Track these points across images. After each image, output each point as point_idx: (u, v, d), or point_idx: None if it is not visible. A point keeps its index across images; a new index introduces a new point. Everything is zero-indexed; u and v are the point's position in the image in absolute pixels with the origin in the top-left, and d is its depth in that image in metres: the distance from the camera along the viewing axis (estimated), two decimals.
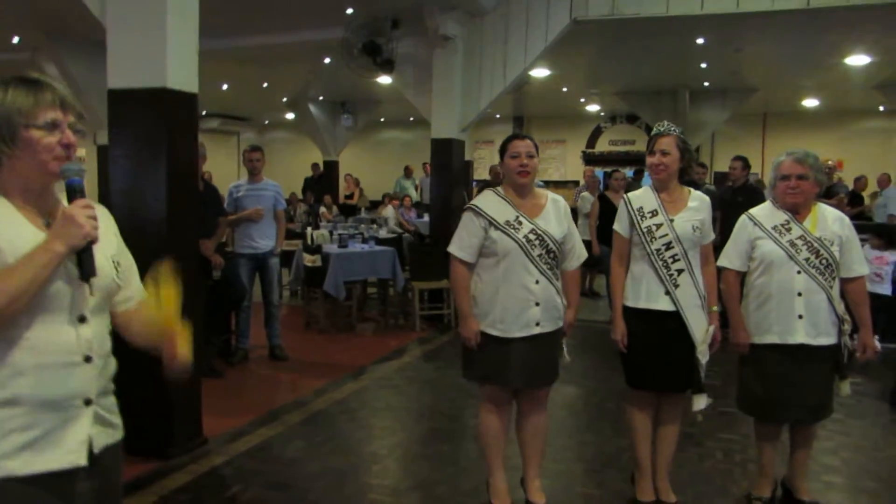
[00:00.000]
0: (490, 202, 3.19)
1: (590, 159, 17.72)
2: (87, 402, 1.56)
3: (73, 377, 1.53)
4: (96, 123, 10.11)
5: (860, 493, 3.68)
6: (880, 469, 3.98)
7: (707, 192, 5.32)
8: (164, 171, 3.83)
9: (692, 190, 3.36)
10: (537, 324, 3.11)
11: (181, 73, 3.88)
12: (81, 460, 1.55)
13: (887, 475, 3.89)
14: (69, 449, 1.53)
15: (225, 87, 14.05)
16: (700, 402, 3.24)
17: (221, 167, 17.29)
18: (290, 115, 17.81)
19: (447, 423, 4.71)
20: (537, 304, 3.10)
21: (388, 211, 10.94)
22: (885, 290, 6.56)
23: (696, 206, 3.26)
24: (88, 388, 1.56)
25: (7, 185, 1.53)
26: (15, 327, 1.47)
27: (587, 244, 9.30)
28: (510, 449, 3.42)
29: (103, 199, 10.38)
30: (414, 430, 4.66)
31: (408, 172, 15.58)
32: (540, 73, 10.94)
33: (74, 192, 1.55)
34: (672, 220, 3.20)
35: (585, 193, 9.85)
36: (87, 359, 1.55)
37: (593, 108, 16.74)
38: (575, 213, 9.78)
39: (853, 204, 10.66)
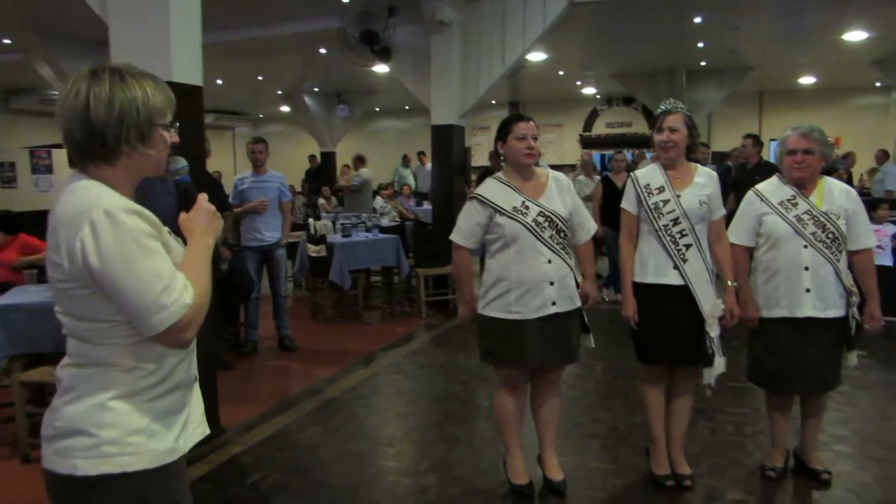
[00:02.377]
0: (494, 190, 3.20)
1: (587, 143, 17.74)
2: (196, 379, 1.70)
3: (194, 360, 1.69)
4: None
5: (869, 461, 3.73)
6: (888, 438, 4.04)
7: None
8: None
9: (699, 166, 3.38)
10: (553, 303, 3.14)
11: (186, 67, 3.89)
12: (207, 430, 1.71)
13: (895, 443, 3.94)
14: (199, 422, 1.68)
15: (219, 81, 14.01)
16: (710, 375, 3.27)
17: (217, 162, 17.22)
18: (285, 108, 17.77)
19: (459, 405, 4.76)
20: (552, 284, 3.12)
21: (378, 201, 10.85)
22: (886, 260, 6.61)
23: (704, 181, 3.28)
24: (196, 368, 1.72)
25: (116, 180, 1.52)
26: None
27: None
28: (525, 428, 3.47)
29: None
30: (427, 413, 4.71)
31: (406, 161, 15.57)
32: (536, 56, 10.92)
33: (189, 189, 1.64)
34: (679, 196, 3.23)
35: (581, 177, 9.85)
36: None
37: (589, 91, 16.71)
38: None
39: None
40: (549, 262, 3.12)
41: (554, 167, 11.23)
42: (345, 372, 5.52)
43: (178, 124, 1.62)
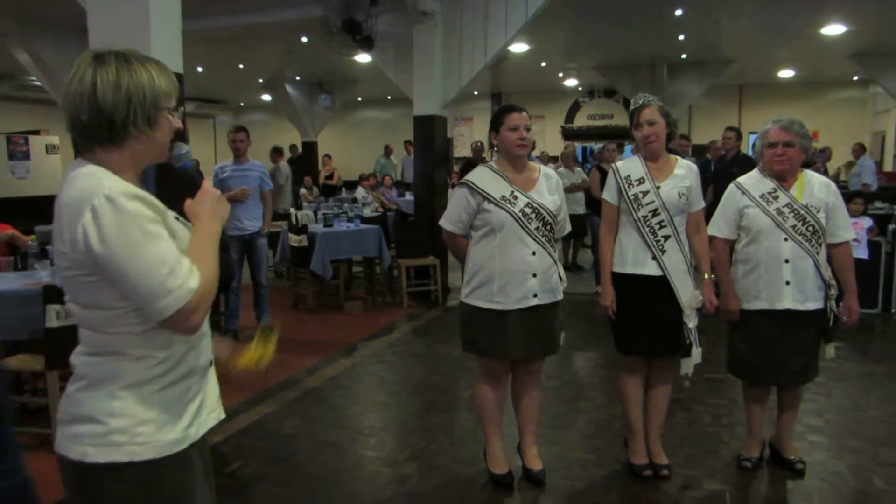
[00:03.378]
0: (485, 178, 3.21)
1: (568, 134, 17.79)
2: (211, 363, 1.70)
3: (208, 345, 1.68)
4: None
5: (843, 451, 3.80)
6: (862, 428, 4.11)
7: None
8: None
9: (679, 158, 3.40)
10: (535, 295, 3.15)
11: (165, 54, 3.85)
12: (222, 414, 1.72)
13: (868, 434, 4.01)
14: (213, 407, 1.68)
15: (200, 69, 13.86)
16: (688, 366, 3.30)
17: (197, 151, 17.04)
18: (266, 97, 17.66)
19: (440, 395, 4.77)
20: (535, 276, 3.14)
21: (359, 192, 10.78)
22: (862, 253, 6.70)
23: (683, 173, 3.30)
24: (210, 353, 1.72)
25: (122, 165, 1.52)
26: None
27: (570, 218, 9.47)
28: (505, 417, 3.48)
29: None
30: (408, 403, 4.72)
31: (388, 151, 15.54)
32: (519, 48, 10.91)
33: (194, 175, 1.62)
34: (658, 188, 3.25)
35: (562, 169, 9.87)
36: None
37: (571, 82, 16.76)
38: None
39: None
40: (534, 253, 3.13)
41: (536, 159, 11.19)
42: (326, 362, 5.51)
43: (181, 108, 1.62)
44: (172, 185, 3.99)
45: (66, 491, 1.57)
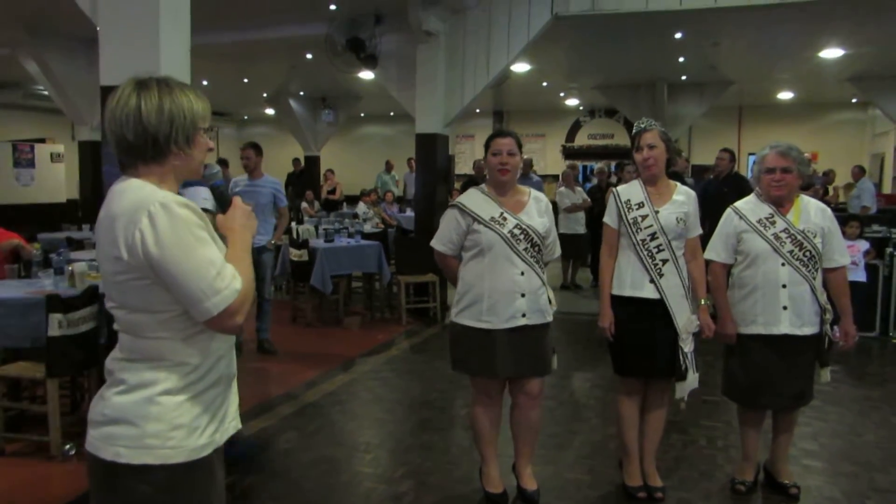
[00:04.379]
0: (475, 200, 3.26)
1: (569, 153, 17.87)
2: (235, 375, 1.82)
3: (234, 357, 1.81)
4: (77, 119, 10.06)
5: (838, 476, 3.81)
6: (857, 453, 4.12)
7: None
8: None
9: (679, 184, 3.45)
10: (523, 315, 3.18)
11: (174, 67, 3.89)
12: (239, 424, 1.83)
13: (864, 459, 4.02)
14: (232, 416, 1.79)
15: (205, 82, 13.96)
16: (683, 390, 3.32)
17: None
18: (270, 111, 17.74)
19: (437, 413, 4.79)
20: (523, 296, 3.17)
21: (360, 207, 10.83)
22: (860, 276, 6.74)
23: (682, 199, 3.35)
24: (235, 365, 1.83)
25: (164, 179, 1.66)
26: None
27: (565, 237, 9.52)
28: (501, 436, 3.50)
29: (86, 193, 10.32)
30: (405, 420, 4.73)
31: (389, 167, 15.61)
32: (520, 67, 11.00)
33: (224, 192, 1.77)
34: (657, 212, 3.29)
35: (562, 189, 9.93)
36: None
37: (572, 102, 16.86)
38: (555, 207, 9.90)
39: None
40: (522, 273, 3.17)
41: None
42: (323, 377, 5.53)
43: (213, 130, 1.71)
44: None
45: (92, 489, 1.66)
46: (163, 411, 1.60)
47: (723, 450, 4.11)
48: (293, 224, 9.27)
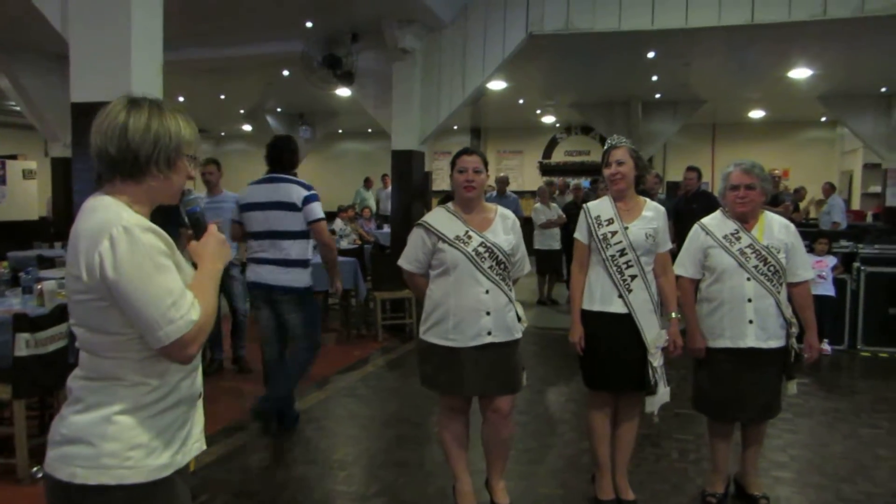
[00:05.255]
0: (440, 218, 3.28)
1: (546, 170, 18.00)
2: (200, 395, 1.80)
3: (199, 377, 1.79)
4: (50, 136, 9.98)
5: (807, 487, 3.86)
6: (825, 464, 4.18)
7: (659, 202, 5.49)
8: None
9: (648, 200, 3.50)
10: (489, 333, 3.18)
11: (146, 85, 3.90)
12: (204, 445, 1.80)
13: (832, 470, 4.08)
14: (197, 437, 1.77)
15: (181, 98, 13.92)
16: (652, 404, 3.36)
17: None
18: (247, 127, 17.71)
19: (412, 429, 4.78)
20: (488, 314, 3.17)
21: (337, 223, 10.81)
22: (829, 290, 6.86)
23: (651, 215, 3.40)
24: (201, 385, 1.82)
25: (138, 199, 1.66)
26: None
27: (541, 252, 9.57)
28: (474, 452, 3.51)
29: (58, 210, 10.20)
30: (379, 437, 4.72)
31: (368, 184, 15.64)
32: (497, 85, 11.11)
33: (200, 218, 1.75)
34: (626, 228, 3.34)
35: (537, 205, 10.01)
36: None
37: (549, 119, 17.02)
38: (530, 224, 9.98)
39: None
40: (487, 292, 3.17)
41: (515, 192, 11.25)
42: (297, 394, 5.48)
43: (198, 158, 1.77)
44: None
45: None
46: (120, 430, 1.59)
47: (695, 462, 4.15)
48: None
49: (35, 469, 3.79)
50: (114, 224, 1.54)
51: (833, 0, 6.63)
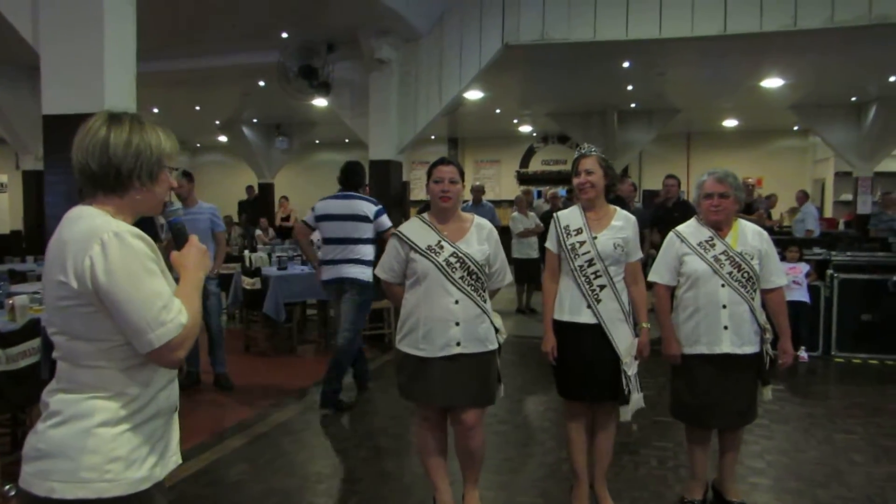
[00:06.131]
0: (414, 228, 3.28)
1: (523, 179, 18.08)
2: (177, 408, 1.80)
3: (176, 389, 1.79)
4: (21, 149, 9.85)
5: (784, 492, 3.90)
6: (802, 470, 4.22)
7: (635, 210, 5.54)
8: None
9: (618, 209, 3.51)
10: (458, 343, 3.14)
11: (118, 96, 3.87)
12: (180, 459, 1.80)
13: (808, 475, 4.12)
14: (173, 450, 1.77)
15: (155, 110, 13.80)
16: (626, 413, 3.35)
17: None
18: (223, 138, 17.60)
19: (391, 441, 4.76)
20: (457, 324, 3.14)
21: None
22: (803, 297, 6.94)
23: (621, 225, 3.40)
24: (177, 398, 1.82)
25: (120, 211, 1.67)
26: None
27: (519, 261, 9.61)
28: (454, 462, 3.50)
29: (30, 224, 10.06)
30: (359, 448, 4.69)
31: None
32: (474, 95, 11.17)
33: (182, 229, 1.78)
34: (595, 238, 3.35)
35: (515, 214, 10.05)
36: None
37: (526, 128, 17.12)
38: (508, 232, 10.01)
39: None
40: (457, 302, 3.14)
41: (491, 203, 11.32)
42: (276, 407, 5.45)
43: (178, 170, 1.80)
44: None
45: None
46: (99, 443, 1.57)
47: (673, 469, 4.17)
48: (246, 252, 9.18)
49: (8, 487, 3.71)
50: (104, 230, 1.56)
51: (803, 11, 6.76)
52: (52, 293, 1.61)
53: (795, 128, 15.83)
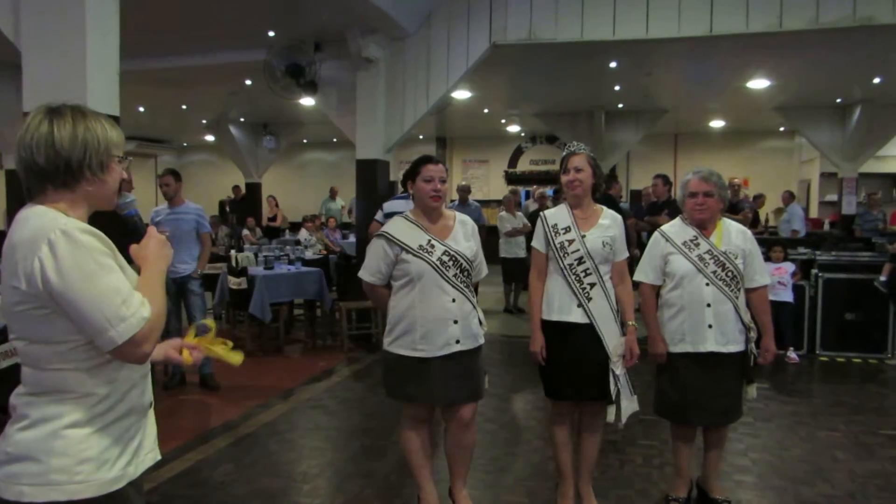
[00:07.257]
0: (401, 228, 3.24)
1: (512, 179, 18.11)
2: (151, 405, 1.78)
3: (149, 386, 1.76)
4: (4, 147, 9.76)
5: (768, 489, 3.92)
6: (786, 467, 4.25)
7: (620, 210, 5.55)
8: None
9: (605, 208, 3.52)
10: (457, 341, 3.17)
11: (102, 95, 3.83)
12: (158, 455, 1.79)
13: (791, 473, 4.15)
14: (150, 448, 1.75)
15: (141, 108, 13.73)
16: (612, 413, 3.35)
17: (138, 191, 16.76)
18: (210, 138, 17.52)
19: (377, 440, 4.75)
20: (456, 322, 3.16)
21: (302, 234, 10.73)
22: (787, 297, 6.98)
23: (608, 223, 3.41)
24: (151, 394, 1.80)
25: (72, 206, 1.63)
26: None
27: (506, 261, 9.62)
28: (438, 461, 3.49)
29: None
30: (344, 448, 4.68)
31: (333, 194, 15.55)
32: (462, 94, 11.16)
33: (137, 222, 1.71)
34: (584, 236, 3.35)
35: (503, 213, 10.06)
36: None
37: (514, 128, 17.14)
38: (496, 232, 10.03)
39: (752, 224, 11.24)
40: (454, 300, 3.16)
41: (479, 202, 11.35)
42: (262, 407, 5.43)
43: (129, 159, 1.76)
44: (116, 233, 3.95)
45: None
46: (68, 445, 1.55)
47: (658, 468, 4.18)
48: (233, 252, 9.13)
49: None
50: (50, 229, 1.51)
51: (789, 12, 6.79)
52: (8, 298, 1.57)
53: (781, 129, 15.92)
